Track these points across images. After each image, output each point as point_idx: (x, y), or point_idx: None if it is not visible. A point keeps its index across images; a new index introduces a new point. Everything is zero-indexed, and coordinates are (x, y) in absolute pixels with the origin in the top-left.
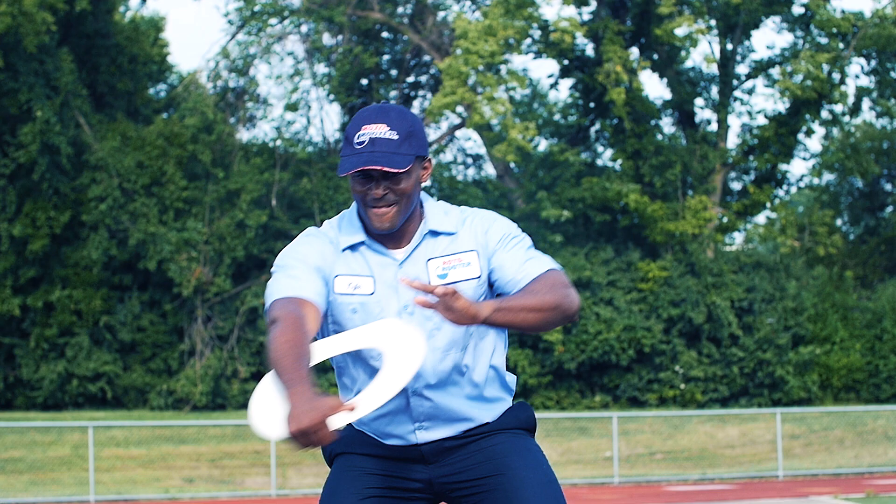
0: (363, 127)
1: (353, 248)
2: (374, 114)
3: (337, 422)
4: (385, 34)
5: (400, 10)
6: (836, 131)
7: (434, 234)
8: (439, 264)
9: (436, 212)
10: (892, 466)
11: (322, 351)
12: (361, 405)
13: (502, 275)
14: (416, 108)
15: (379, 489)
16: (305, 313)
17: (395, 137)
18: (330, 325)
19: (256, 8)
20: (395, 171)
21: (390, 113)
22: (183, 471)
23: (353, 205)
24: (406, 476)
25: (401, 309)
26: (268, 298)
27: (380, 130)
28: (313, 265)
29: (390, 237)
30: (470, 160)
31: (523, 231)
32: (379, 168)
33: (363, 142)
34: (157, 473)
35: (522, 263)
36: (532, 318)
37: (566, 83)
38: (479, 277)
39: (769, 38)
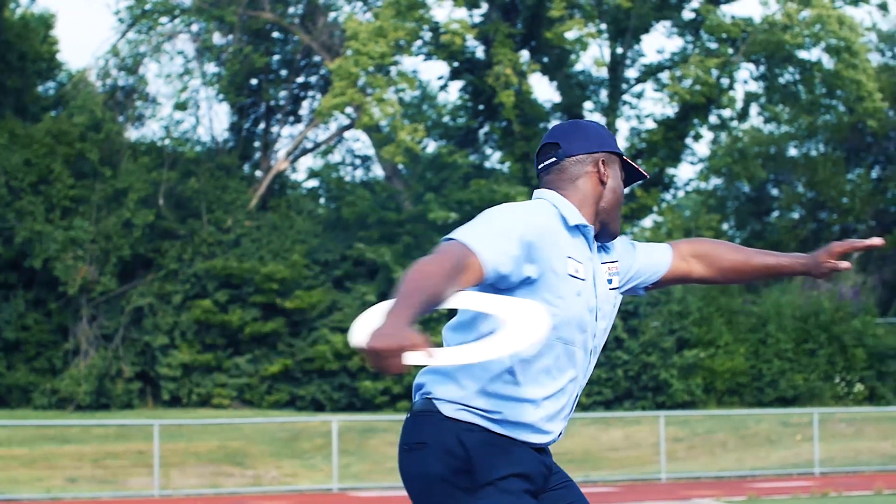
0: None
1: (580, 229)
2: None
3: (412, 358)
4: (276, 34)
5: (291, 10)
6: (724, 136)
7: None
8: (605, 270)
9: None
10: (773, 470)
11: (461, 300)
12: (441, 355)
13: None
14: (305, 108)
15: None
16: (467, 269)
17: None
18: (553, 298)
19: (147, 6)
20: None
21: None
22: (66, 470)
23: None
24: (542, 474)
25: (594, 303)
26: (456, 234)
27: None
28: (519, 236)
29: None
30: (358, 161)
31: (412, 234)
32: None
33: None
34: (40, 473)
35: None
36: None
37: (456, 85)
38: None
39: (659, 42)
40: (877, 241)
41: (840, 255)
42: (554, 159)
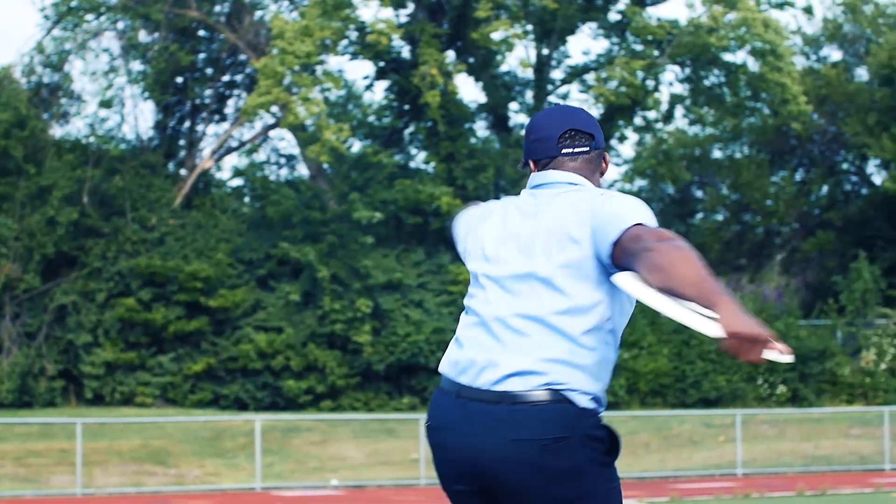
0: None
1: None
2: None
3: (769, 353)
4: (201, 32)
5: (217, 8)
6: (648, 138)
7: None
8: None
9: None
10: (696, 470)
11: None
12: (786, 355)
13: None
14: (230, 107)
15: None
16: None
17: None
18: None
19: (73, 3)
20: None
21: None
22: None
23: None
24: None
25: None
26: (643, 220)
27: None
28: None
29: None
30: (283, 160)
31: (336, 234)
32: None
33: None
34: None
35: None
36: None
37: (381, 85)
38: None
39: (585, 44)
40: None
41: None
42: (587, 149)
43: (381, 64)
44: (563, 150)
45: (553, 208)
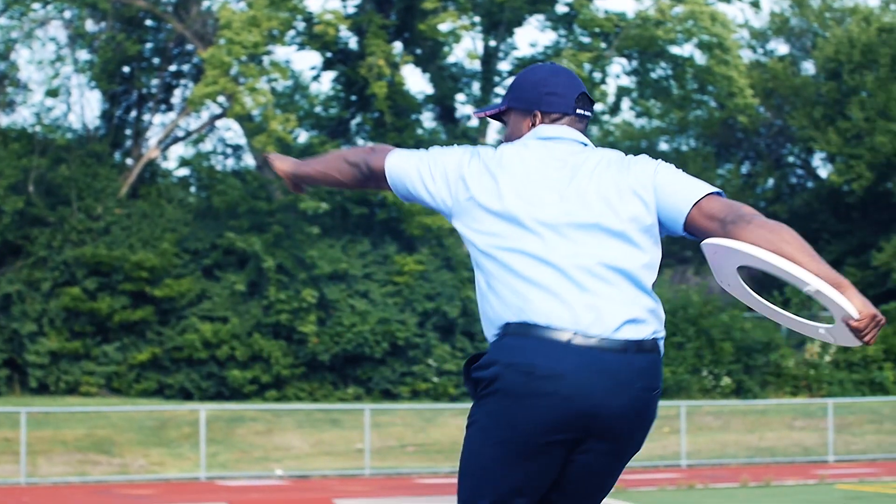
0: None
1: None
2: None
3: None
4: (148, 22)
5: None
6: (595, 130)
7: None
8: None
9: None
10: (640, 462)
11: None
12: None
13: None
14: (177, 96)
15: None
16: None
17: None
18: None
19: None
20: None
21: None
22: None
23: None
24: None
25: None
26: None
27: None
28: None
29: None
30: (229, 150)
31: (282, 224)
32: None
33: None
34: None
35: None
36: None
37: (329, 75)
38: None
39: (532, 36)
40: None
41: None
42: (591, 115)
43: (329, 55)
44: (578, 111)
45: (595, 162)
